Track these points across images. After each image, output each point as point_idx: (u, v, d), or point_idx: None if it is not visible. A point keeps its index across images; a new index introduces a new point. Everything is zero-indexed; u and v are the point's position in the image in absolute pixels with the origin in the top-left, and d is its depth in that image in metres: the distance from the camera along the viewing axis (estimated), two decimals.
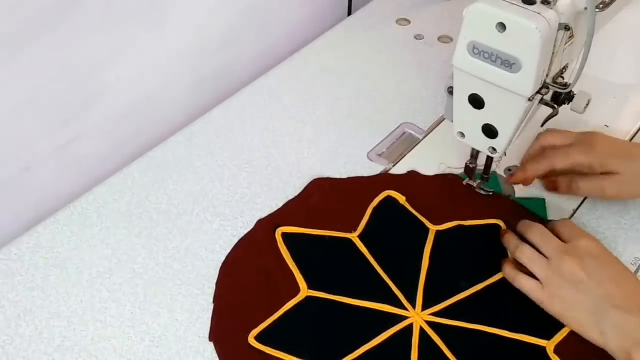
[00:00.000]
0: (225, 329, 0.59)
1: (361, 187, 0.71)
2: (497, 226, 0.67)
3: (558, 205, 0.69)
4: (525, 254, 0.60)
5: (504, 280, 0.61)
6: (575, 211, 0.69)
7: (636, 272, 0.63)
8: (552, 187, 0.69)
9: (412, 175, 0.72)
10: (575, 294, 0.56)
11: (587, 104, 0.61)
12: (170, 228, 0.68)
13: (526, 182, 0.68)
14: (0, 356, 0.57)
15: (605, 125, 0.77)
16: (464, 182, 0.71)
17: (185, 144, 0.77)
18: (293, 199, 0.70)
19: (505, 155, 0.65)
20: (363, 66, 0.88)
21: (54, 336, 0.59)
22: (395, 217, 0.68)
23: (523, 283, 0.59)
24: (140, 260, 0.65)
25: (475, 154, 0.68)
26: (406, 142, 0.77)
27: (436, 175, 0.72)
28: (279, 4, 0.88)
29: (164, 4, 0.72)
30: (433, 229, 0.67)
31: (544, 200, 0.69)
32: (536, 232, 0.61)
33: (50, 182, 0.72)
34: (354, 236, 0.66)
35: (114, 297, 0.62)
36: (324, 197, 0.70)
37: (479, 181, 0.70)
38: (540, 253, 0.59)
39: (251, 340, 0.58)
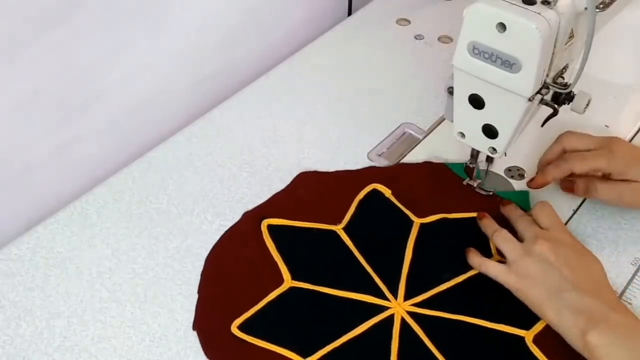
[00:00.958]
0: (208, 318, 0.59)
1: (347, 180, 0.72)
2: None
3: (558, 205, 0.68)
4: (500, 235, 0.61)
5: None
6: (575, 211, 0.69)
7: (636, 272, 0.63)
8: (569, 189, 0.68)
9: (399, 167, 0.73)
10: (541, 273, 0.57)
11: (587, 104, 0.61)
12: (170, 228, 0.68)
13: (545, 185, 0.68)
14: (0, 356, 0.57)
15: (605, 125, 0.77)
16: (464, 182, 0.71)
17: (185, 144, 0.77)
18: (279, 191, 0.70)
19: (505, 155, 0.65)
20: (363, 66, 0.87)
21: (54, 336, 0.59)
22: (380, 209, 0.68)
23: (490, 268, 0.60)
24: (140, 260, 0.65)
25: (475, 154, 0.68)
26: (406, 142, 0.77)
27: (424, 164, 0.73)
28: (279, 4, 0.88)
29: (164, 4, 0.72)
30: (417, 221, 0.67)
31: (527, 192, 0.70)
32: (520, 220, 0.63)
33: (50, 182, 0.72)
34: (338, 228, 0.66)
35: (114, 297, 0.62)
36: (310, 190, 0.70)
37: (479, 181, 0.70)
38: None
39: (234, 329, 0.58)
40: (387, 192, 0.70)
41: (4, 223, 0.69)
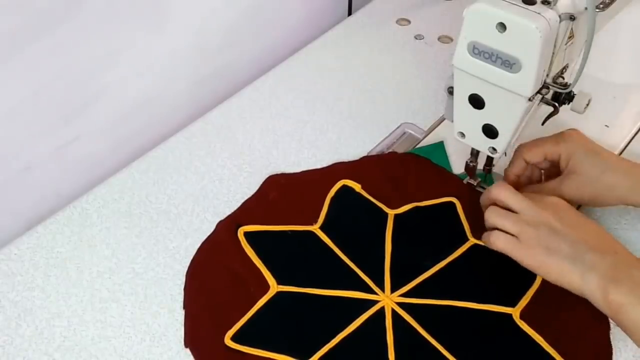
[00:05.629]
0: (199, 333, 0.59)
1: (316, 179, 0.72)
2: (452, 204, 0.68)
3: None
4: (494, 212, 0.59)
5: (465, 255, 0.64)
6: None
7: None
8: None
9: (364, 160, 0.74)
10: (553, 242, 0.56)
11: (587, 104, 0.61)
12: (170, 228, 0.68)
13: (511, 184, 0.64)
14: (0, 356, 0.57)
15: (605, 125, 0.77)
16: (465, 181, 0.71)
17: (185, 144, 0.77)
18: (250, 197, 0.70)
19: (505, 155, 0.65)
20: (363, 66, 0.88)
21: (54, 336, 0.59)
22: (353, 205, 0.69)
23: (499, 242, 0.58)
24: (140, 260, 0.65)
25: (475, 153, 0.68)
26: (406, 142, 0.77)
27: (389, 154, 0.74)
28: (279, 4, 0.88)
29: (164, 4, 0.72)
30: (391, 213, 0.68)
31: (442, 142, 0.73)
32: (503, 191, 0.60)
33: (50, 182, 0.72)
34: (315, 228, 0.67)
35: (114, 297, 0.62)
36: (281, 193, 0.70)
37: (480, 180, 0.70)
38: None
39: (227, 341, 0.58)
40: (357, 187, 0.70)
41: (4, 223, 0.69)
